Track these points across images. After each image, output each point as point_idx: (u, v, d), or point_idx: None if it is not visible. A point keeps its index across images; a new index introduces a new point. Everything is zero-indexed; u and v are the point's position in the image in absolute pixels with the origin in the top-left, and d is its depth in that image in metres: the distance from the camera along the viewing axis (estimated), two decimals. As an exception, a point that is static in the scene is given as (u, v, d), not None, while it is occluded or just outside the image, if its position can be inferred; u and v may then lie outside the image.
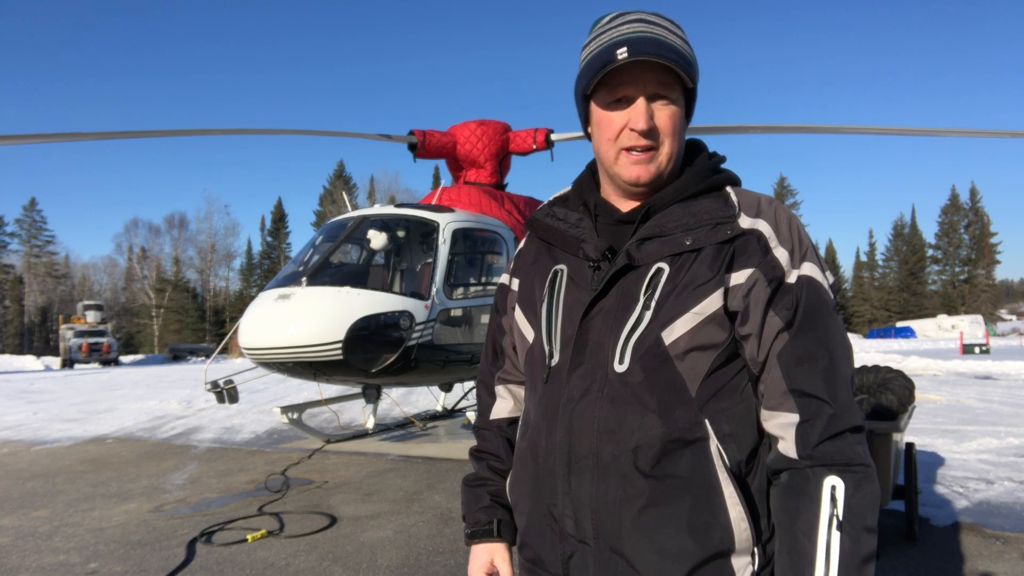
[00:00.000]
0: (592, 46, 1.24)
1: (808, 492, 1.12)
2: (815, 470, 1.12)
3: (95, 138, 9.01)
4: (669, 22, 1.24)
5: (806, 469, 1.13)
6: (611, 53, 1.18)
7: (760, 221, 1.21)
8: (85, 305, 47.13)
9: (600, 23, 1.26)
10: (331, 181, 67.42)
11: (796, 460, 1.14)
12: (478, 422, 1.54)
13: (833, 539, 1.08)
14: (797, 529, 1.11)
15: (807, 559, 1.09)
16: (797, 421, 1.14)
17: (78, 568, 4.26)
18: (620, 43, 1.18)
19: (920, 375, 16.33)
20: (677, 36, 1.22)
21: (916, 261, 73.56)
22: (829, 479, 1.11)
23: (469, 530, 1.42)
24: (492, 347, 1.52)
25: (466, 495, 1.46)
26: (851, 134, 12.85)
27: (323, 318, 6.29)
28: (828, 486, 1.10)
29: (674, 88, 1.22)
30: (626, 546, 1.16)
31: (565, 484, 1.21)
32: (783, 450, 1.16)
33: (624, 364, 1.17)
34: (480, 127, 8.68)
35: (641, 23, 1.21)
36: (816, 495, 1.11)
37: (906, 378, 4.59)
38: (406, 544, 4.60)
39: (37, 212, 66.49)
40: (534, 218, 1.41)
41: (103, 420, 11.58)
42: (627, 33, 1.19)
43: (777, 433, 1.18)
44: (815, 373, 1.14)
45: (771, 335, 1.17)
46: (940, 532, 4.54)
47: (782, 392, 1.16)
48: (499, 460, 1.46)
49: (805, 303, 1.16)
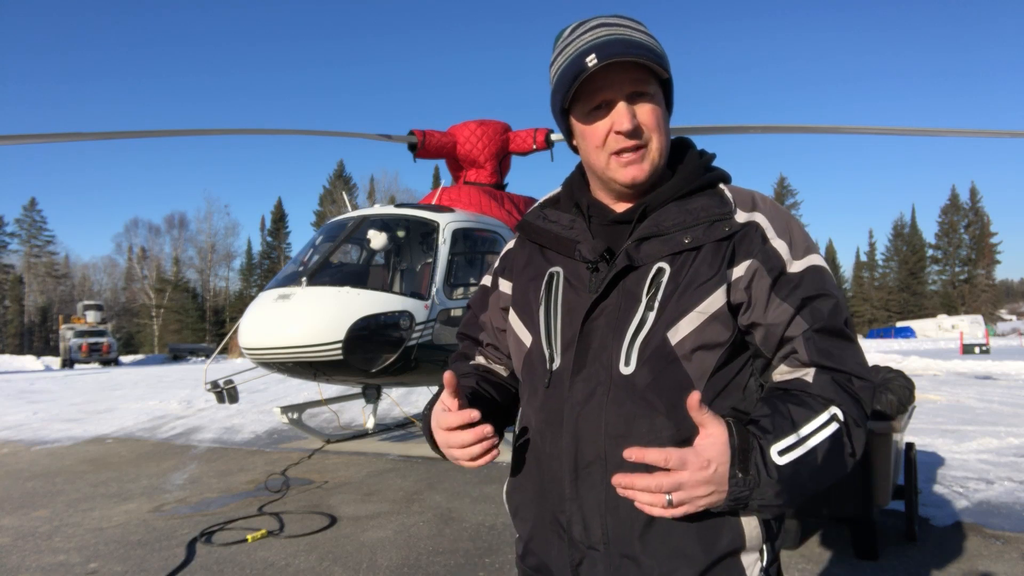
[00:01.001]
0: (560, 61, 1.23)
1: (812, 404, 1.12)
2: (825, 393, 1.13)
3: (95, 138, 9.01)
4: (630, 20, 1.24)
5: (815, 395, 1.13)
6: (580, 62, 1.17)
7: (756, 214, 1.22)
8: (85, 305, 47.15)
9: (561, 37, 1.26)
10: (331, 181, 67.46)
11: (809, 383, 1.15)
12: (464, 329, 1.54)
13: (821, 432, 1.09)
14: (787, 410, 1.11)
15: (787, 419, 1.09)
16: (813, 372, 1.16)
17: (78, 568, 4.26)
18: (587, 51, 1.17)
19: (920, 375, 16.33)
20: (641, 32, 1.22)
21: (916, 261, 73.58)
22: (833, 408, 1.11)
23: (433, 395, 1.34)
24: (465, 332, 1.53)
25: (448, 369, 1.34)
26: (851, 134, 12.85)
27: (323, 318, 6.29)
28: (832, 410, 1.11)
29: (650, 83, 1.21)
30: (638, 551, 1.15)
31: (572, 490, 1.19)
32: (797, 375, 1.17)
33: (631, 366, 1.16)
34: (480, 127, 8.68)
35: (603, 27, 1.20)
36: (818, 408, 1.11)
37: (906, 378, 4.60)
38: (406, 544, 4.60)
39: (37, 212, 66.66)
40: (525, 221, 1.40)
41: (103, 420, 11.58)
42: (591, 39, 1.18)
43: (789, 377, 1.19)
44: (831, 349, 1.15)
45: (781, 320, 1.17)
46: (940, 532, 4.54)
47: (802, 364, 1.17)
48: (490, 373, 1.46)
49: (816, 288, 1.17)
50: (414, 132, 8.35)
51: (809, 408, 1.11)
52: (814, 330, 1.15)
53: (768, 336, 1.18)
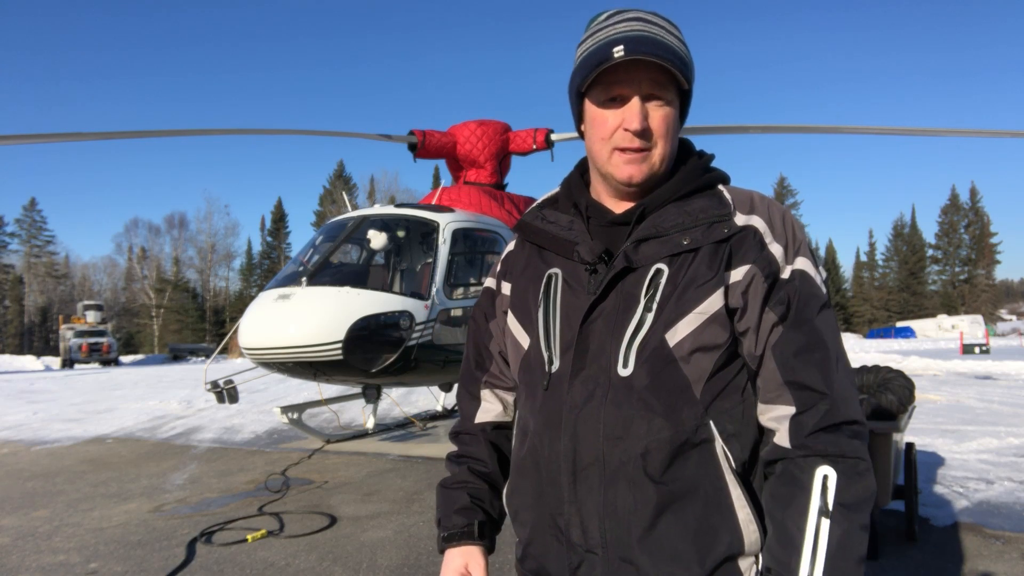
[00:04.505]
0: (588, 43, 1.22)
1: (799, 481, 1.10)
2: (808, 459, 1.11)
3: (95, 138, 9.01)
4: (667, 22, 1.22)
5: (798, 459, 1.11)
6: (607, 51, 1.16)
7: (754, 217, 1.21)
8: (85, 305, 47.15)
9: (597, 20, 1.25)
10: (331, 181, 67.41)
11: (789, 450, 1.12)
12: (458, 427, 1.47)
13: (822, 528, 1.06)
14: (786, 517, 1.10)
15: (794, 547, 1.07)
16: (793, 413, 1.13)
17: (78, 568, 4.26)
18: (616, 41, 1.16)
19: (920, 375, 16.33)
20: (674, 36, 1.21)
21: (916, 261, 73.55)
22: (821, 469, 1.09)
23: (444, 534, 1.35)
24: (476, 351, 1.47)
25: (442, 498, 1.40)
26: (851, 134, 12.86)
27: (323, 318, 6.29)
28: (820, 475, 1.09)
29: (669, 89, 1.20)
30: (636, 554, 1.14)
31: (571, 493, 1.18)
32: (777, 440, 1.15)
33: (628, 368, 1.15)
34: (480, 127, 8.68)
35: (638, 21, 1.19)
36: (807, 484, 1.09)
37: (906, 378, 4.59)
38: (406, 544, 4.60)
39: (37, 212, 66.58)
40: (523, 222, 1.38)
41: (103, 420, 11.58)
42: (624, 31, 1.17)
43: (773, 426, 1.16)
44: (811, 365, 1.13)
45: (767, 329, 1.16)
46: (940, 532, 4.54)
47: (778, 384, 1.15)
48: (482, 464, 1.41)
49: (799, 297, 1.16)
50: (414, 132, 8.36)
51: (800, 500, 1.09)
52: (792, 351, 1.14)
53: (756, 345, 1.18)
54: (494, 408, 1.44)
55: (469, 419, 1.46)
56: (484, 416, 1.44)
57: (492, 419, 1.44)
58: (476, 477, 1.40)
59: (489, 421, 1.44)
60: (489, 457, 1.41)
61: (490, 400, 1.45)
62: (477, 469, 1.41)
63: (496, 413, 1.44)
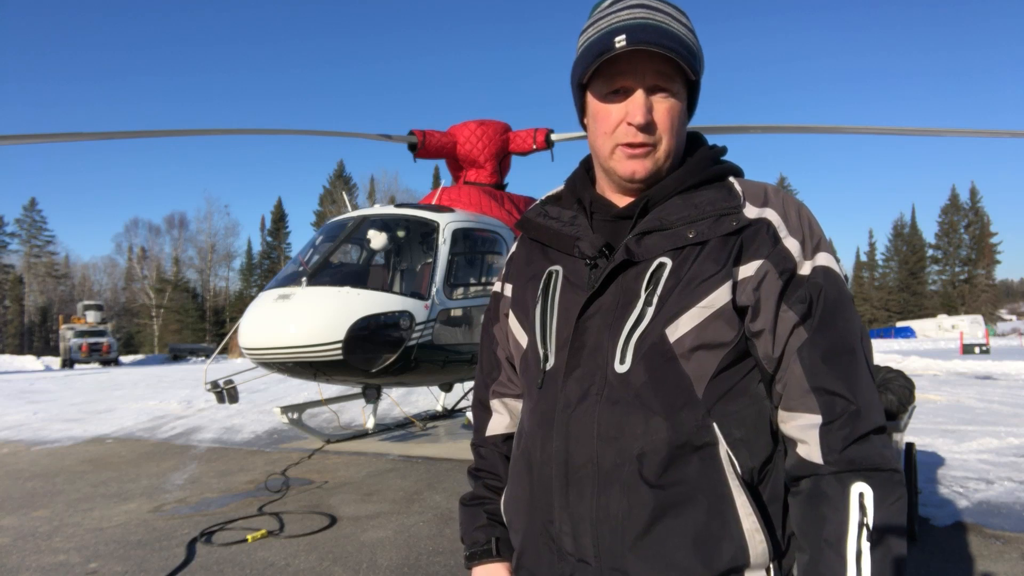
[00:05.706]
0: (590, 32, 1.16)
1: (835, 500, 1.03)
2: (841, 476, 1.04)
3: (95, 138, 9.01)
4: (673, 8, 1.16)
5: (831, 475, 1.04)
6: (609, 40, 1.10)
7: (768, 210, 1.14)
8: (85, 305, 47.15)
9: (599, 7, 1.18)
10: (331, 181, 67.42)
11: (820, 465, 1.05)
12: (475, 439, 1.44)
13: (864, 549, 1.00)
14: (823, 540, 1.03)
15: (836, 572, 1.01)
16: (820, 423, 1.06)
17: (78, 568, 4.26)
18: (619, 30, 1.10)
19: (920, 375, 16.32)
20: (681, 24, 1.14)
21: (916, 261, 73.55)
22: (857, 485, 1.03)
23: (467, 552, 1.33)
24: (486, 358, 1.43)
25: (463, 515, 1.38)
26: (851, 134, 12.85)
27: (323, 318, 6.29)
28: (856, 493, 1.03)
29: (675, 80, 1.14)
30: (630, 564, 1.07)
31: (562, 497, 1.12)
32: (805, 455, 1.07)
33: (625, 364, 1.09)
34: (480, 127, 8.68)
35: (642, 8, 1.13)
36: (844, 503, 1.02)
37: (906, 378, 4.59)
38: (406, 544, 4.60)
39: (37, 212, 66.62)
40: (525, 218, 1.33)
41: (103, 420, 11.57)
42: (627, 19, 1.11)
43: (797, 436, 1.09)
44: (838, 370, 1.06)
45: (787, 330, 1.09)
46: (940, 532, 4.54)
47: (803, 391, 1.07)
48: (496, 478, 1.37)
49: (825, 296, 1.09)
50: (414, 132, 8.35)
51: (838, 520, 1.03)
52: (819, 355, 1.07)
53: (773, 347, 1.10)
54: (504, 419, 1.41)
55: (482, 431, 1.43)
56: (495, 428, 1.41)
57: (503, 431, 1.40)
58: (491, 492, 1.37)
59: (500, 433, 1.40)
60: (503, 471, 1.37)
61: (500, 411, 1.41)
62: (492, 484, 1.38)
63: (506, 424, 1.40)
